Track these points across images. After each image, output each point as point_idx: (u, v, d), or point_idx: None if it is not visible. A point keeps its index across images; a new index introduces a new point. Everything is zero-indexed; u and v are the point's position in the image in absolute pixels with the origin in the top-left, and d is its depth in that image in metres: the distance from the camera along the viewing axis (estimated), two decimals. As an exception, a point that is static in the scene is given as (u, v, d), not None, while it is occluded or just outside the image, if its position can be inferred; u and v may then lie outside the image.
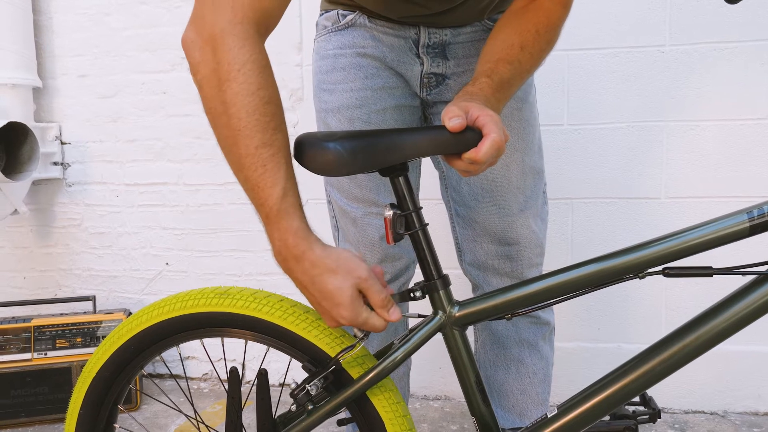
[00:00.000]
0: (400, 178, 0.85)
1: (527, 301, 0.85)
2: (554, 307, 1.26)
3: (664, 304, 1.97)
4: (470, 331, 1.33)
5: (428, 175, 1.32)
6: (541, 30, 0.96)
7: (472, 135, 0.81)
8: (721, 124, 1.87)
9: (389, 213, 0.83)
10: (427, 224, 0.87)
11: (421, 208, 0.86)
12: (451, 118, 0.80)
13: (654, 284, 1.95)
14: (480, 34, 1.14)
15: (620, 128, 1.93)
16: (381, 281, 0.83)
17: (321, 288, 0.78)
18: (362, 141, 0.80)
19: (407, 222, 0.85)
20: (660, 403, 1.98)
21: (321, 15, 1.20)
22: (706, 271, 0.80)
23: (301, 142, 0.82)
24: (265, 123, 0.77)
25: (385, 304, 0.81)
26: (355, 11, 1.14)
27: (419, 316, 0.92)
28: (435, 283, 0.87)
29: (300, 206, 0.81)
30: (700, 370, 1.95)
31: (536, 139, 1.19)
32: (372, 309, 0.81)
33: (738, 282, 0.82)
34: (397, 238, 0.84)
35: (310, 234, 0.81)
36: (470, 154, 0.81)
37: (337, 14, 1.15)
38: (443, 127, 0.81)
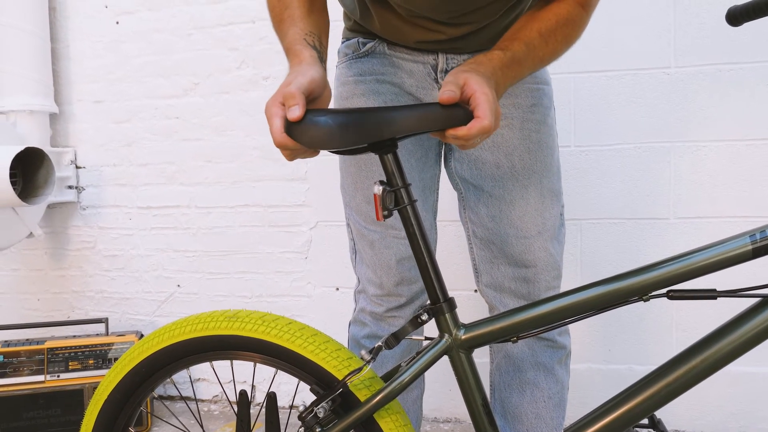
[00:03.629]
0: (389, 155, 0.86)
1: (533, 323, 0.85)
2: (567, 328, 1.26)
3: (674, 325, 1.96)
4: (486, 354, 1.34)
5: (448, 196, 1.34)
6: (561, 21, 0.97)
7: (462, 113, 0.82)
8: (727, 144, 1.87)
9: (378, 189, 0.84)
10: (415, 200, 0.87)
11: (409, 185, 0.87)
12: (445, 90, 0.81)
13: (664, 305, 1.94)
14: None
15: (627, 149, 1.94)
16: (294, 98, 0.82)
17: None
18: (352, 116, 0.82)
19: (396, 198, 0.86)
20: (674, 425, 1.96)
21: (342, 43, 1.24)
22: (710, 294, 0.80)
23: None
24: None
25: (272, 113, 0.82)
26: (374, 39, 1.17)
27: (426, 338, 0.92)
28: (441, 306, 0.87)
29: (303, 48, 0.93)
30: (714, 391, 1.93)
31: (555, 162, 1.19)
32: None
33: (746, 304, 0.82)
34: (387, 214, 0.85)
35: (296, 63, 0.90)
36: (455, 131, 0.82)
37: (358, 42, 1.19)
38: (433, 104, 0.82)
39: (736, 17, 0.99)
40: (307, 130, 0.81)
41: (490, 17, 1.07)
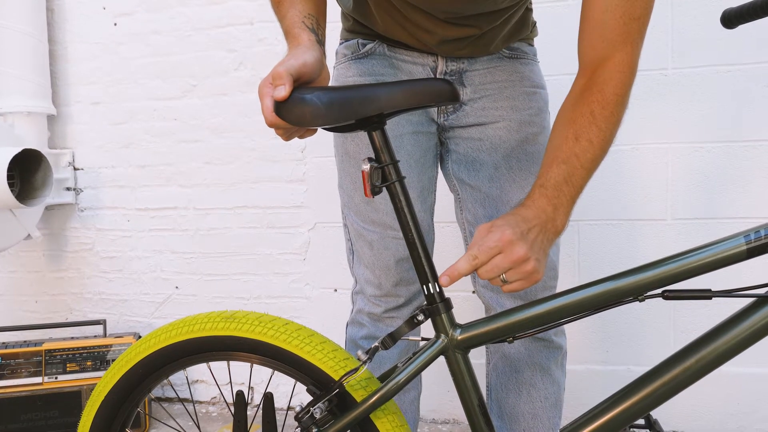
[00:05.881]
0: (376, 132, 0.86)
1: (529, 323, 0.85)
2: (563, 329, 1.26)
3: (673, 326, 1.96)
4: (482, 355, 1.34)
5: (444, 198, 1.34)
6: (596, 110, 0.91)
7: (449, 88, 0.86)
8: (724, 145, 1.88)
9: (366, 166, 0.84)
10: (404, 177, 0.88)
11: (398, 161, 0.87)
12: (443, 275, 0.88)
13: (662, 306, 1.95)
14: (496, 61, 1.16)
15: (625, 150, 1.94)
16: (281, 78, 0.83)
17: None
18: (338, 93, 0.83)
19: (384, 174, 0.86)
20: (672, 425, 1.96)
21: (341, 44, 1.23)
22: (705, 294, 0.80)
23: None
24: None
25: (264, 93, 0.84)
26: (374, 40, 1.17)
27: (423, 339, 0.93)
28: (437, 307, 0.88)
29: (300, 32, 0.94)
30: (713, 392, 1.94)
31: None
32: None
33: (742, 304, 0.82)
34: (375, 191, 0.85)
35: (293, 47, 0.92)
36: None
37: (357, 43, 1.19)
38: (419, 80, 0.85)
39: (730, 19, 0.99)
40: (293, 108, 0.82)
41: (490, 23, 1.07)
